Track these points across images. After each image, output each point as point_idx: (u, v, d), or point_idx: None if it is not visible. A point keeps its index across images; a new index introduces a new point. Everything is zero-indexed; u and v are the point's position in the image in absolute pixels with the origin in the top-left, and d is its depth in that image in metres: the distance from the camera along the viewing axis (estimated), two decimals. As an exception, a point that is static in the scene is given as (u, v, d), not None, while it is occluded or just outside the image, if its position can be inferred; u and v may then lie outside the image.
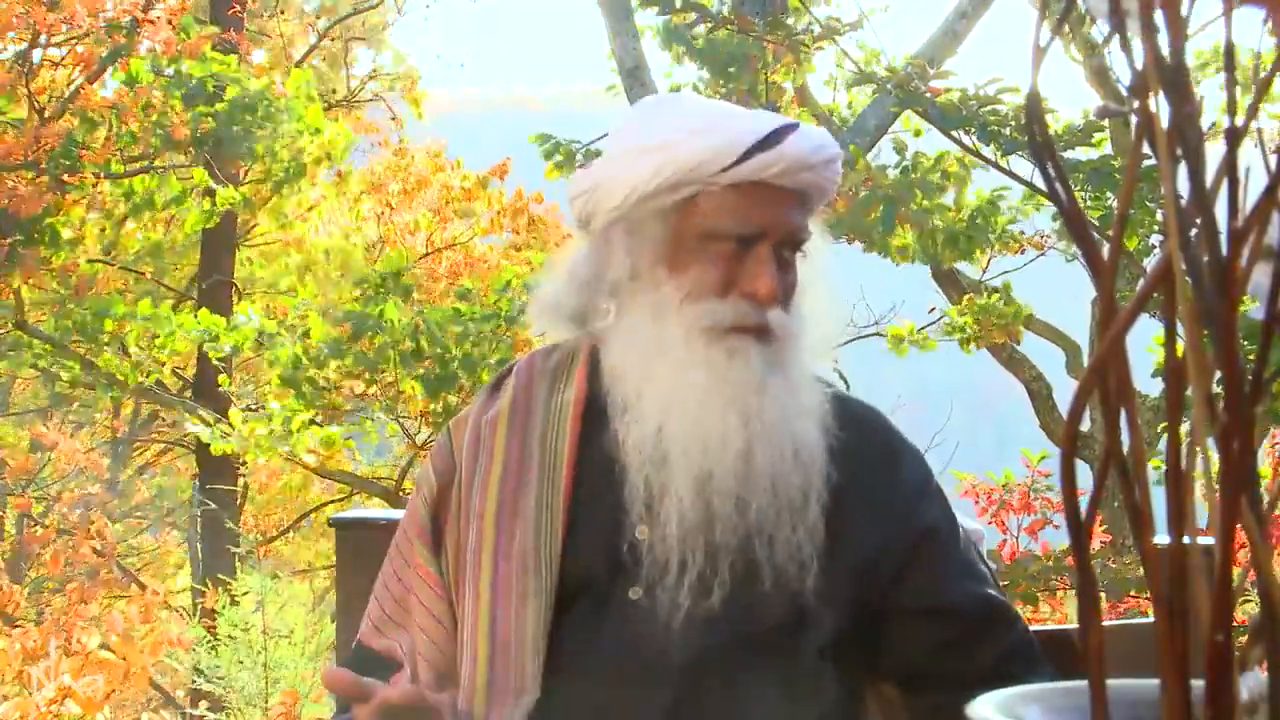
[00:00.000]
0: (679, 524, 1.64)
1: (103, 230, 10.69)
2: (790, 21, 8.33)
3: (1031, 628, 1.80)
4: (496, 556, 1.70)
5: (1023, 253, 8.49)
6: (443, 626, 1.76)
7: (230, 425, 7.36)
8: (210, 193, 9.57)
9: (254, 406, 9.99)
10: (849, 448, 1.72)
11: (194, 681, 6.15)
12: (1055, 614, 6.76)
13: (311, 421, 7.19)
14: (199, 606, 6.62)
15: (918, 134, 8.22)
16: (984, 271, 8.50)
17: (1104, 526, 6.99)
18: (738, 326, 1.65)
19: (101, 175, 9.26)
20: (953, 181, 7.79)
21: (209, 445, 7.58)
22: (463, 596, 1.73)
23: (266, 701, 5.75)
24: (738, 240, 1.66)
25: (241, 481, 11.25)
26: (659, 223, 1.69)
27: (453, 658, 1.74)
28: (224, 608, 6.17)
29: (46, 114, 9.47)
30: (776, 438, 1.66)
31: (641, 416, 1.68)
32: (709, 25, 8.57)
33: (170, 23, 8.97)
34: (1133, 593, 6.45)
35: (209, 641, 6.24)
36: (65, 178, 9.00)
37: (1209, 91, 8.65)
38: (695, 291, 1.66)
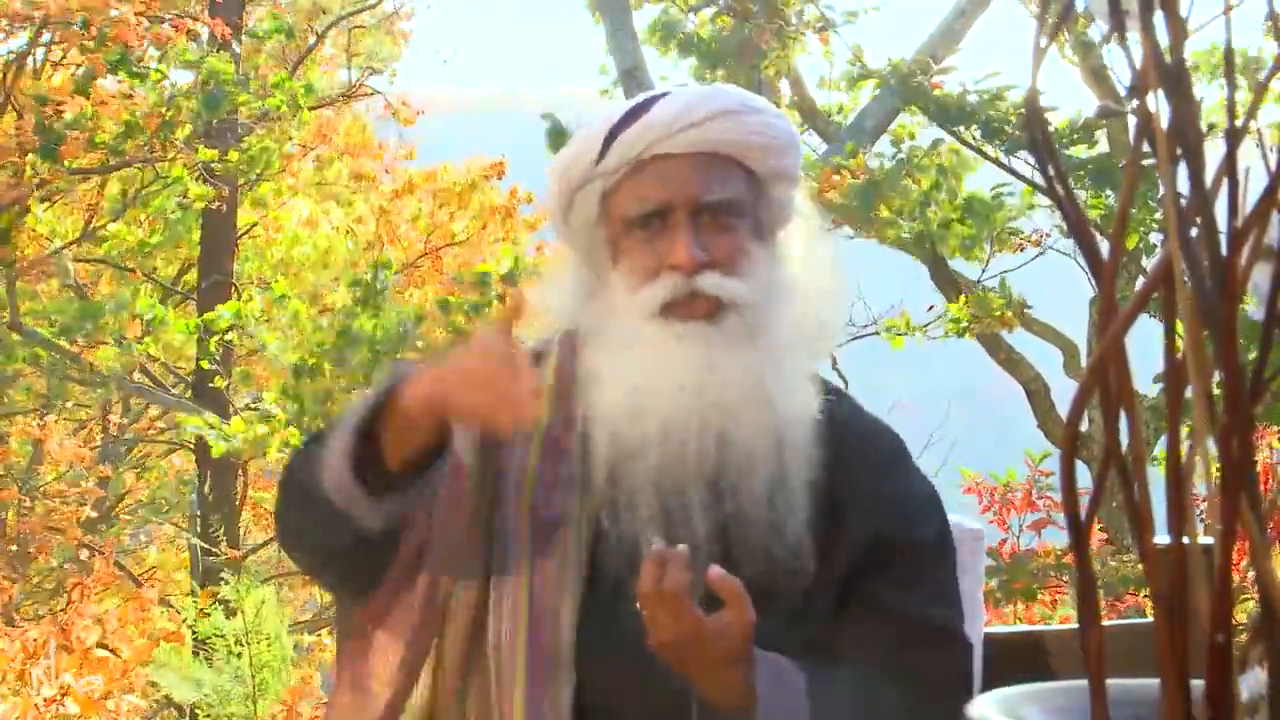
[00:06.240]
0: (648, 516, 1.64)
1: (86, 226, 10.67)
2: (788, 11, 8.35)
3: (1028, 628, 1.80)
4: (535, 521, 1.70)
5: (1022, 250, 8.50)
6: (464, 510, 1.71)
7: (234, 429, 7.36)
8: (185, 191, 9.60)
9: (252, 406, 9.99)
10: (855, 453, 1.71)
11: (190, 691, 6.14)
12: (1055, 615, 6.76)
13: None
14: (198, 608, 6.61)
15: (911, 136, 8.24)
16: (984, 269, 8.51)
17: (1100, 525, 6.98)
18: (673, 302, 1.65)
19: (73, 172, 9.24)
20: (949, 171, 7.80)
21: (209, 446, 7.58)
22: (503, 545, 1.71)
23: (255, 706, 5.74)
24: (649, 220, 1.67)
25: (240, 481, 11.24)
26: (596, 229, 1.72)
27: (454, 545, 1.69)
28: (206, 612, 6.15)
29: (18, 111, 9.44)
30: (750, 413, 1.65)
31: (605, 417, 1.68)
32: (715, 11, 8.57)
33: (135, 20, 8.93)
34: (1132, 590, 6.44)
35: (196, 647, 6.23)
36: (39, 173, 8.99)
37: (1208, 92, 8.65)
38: (631, 281, 1.68)
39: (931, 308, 8.59)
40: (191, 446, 10.92)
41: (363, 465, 1.62)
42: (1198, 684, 0.70)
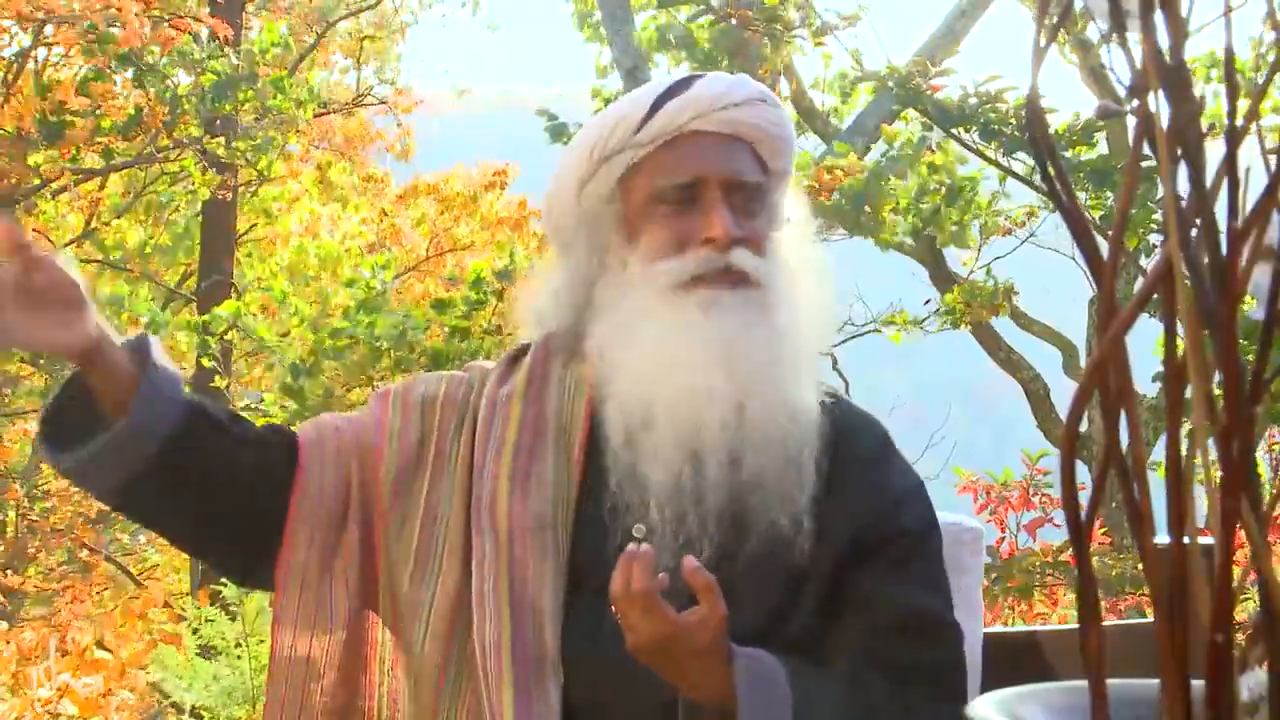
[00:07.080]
0: (663, 488, 1.65)
1: (87, 225, 10.66)
2: (787, 16, 8.33)
3: (1028, 628, 1.80)
4: (511, 521, 1.70)
5: (1010, 234, 8.51)
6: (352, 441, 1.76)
7: None
8: (192, 182, 9.60)
9: (253, 406, 9.99)
10: (843, 443, 1.73)
11: (184, 692, 6.12)
12: (1055, 614, 6.75)
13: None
14: (200, 612, 6.61)
15: (909, 142, 8.24)
16: (979, 254, 8.51)
17: (1104, 529, 6.97)
18: (702, 275, 1.66)
19: (77, 170, 9.24)
20: (939, 168, 7.80)
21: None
22: (479, 534, 1.72)
23: (255, 707, 5.73)
24: (681, 193, 1.68)
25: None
26: (608, 207, 1.72)
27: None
28: (204, 621, 6.14)
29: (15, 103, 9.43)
30: (766, 386, 1.66)
31: (621, 389, 1.69)
32: (711, 20, 8.56)
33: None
34: (1128, 590, 6.44)
35: (194, 650, 6.21)
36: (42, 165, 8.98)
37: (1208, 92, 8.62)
38: (653, 254, 1.68)
39: (928, 301, 8.60)
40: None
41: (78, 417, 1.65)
42: (1198, 684, 0.70)
